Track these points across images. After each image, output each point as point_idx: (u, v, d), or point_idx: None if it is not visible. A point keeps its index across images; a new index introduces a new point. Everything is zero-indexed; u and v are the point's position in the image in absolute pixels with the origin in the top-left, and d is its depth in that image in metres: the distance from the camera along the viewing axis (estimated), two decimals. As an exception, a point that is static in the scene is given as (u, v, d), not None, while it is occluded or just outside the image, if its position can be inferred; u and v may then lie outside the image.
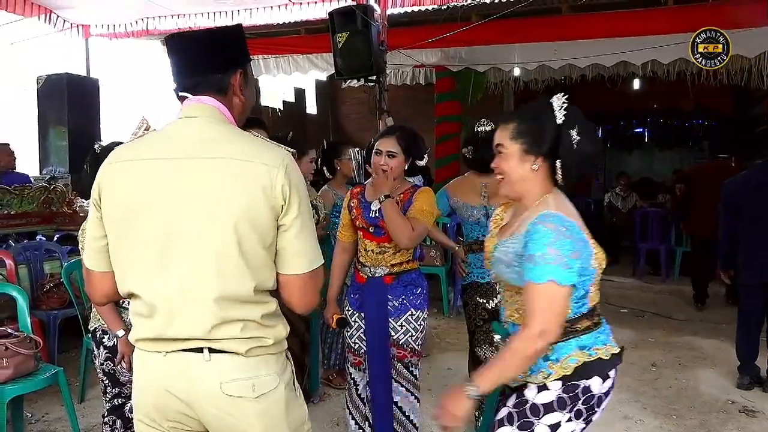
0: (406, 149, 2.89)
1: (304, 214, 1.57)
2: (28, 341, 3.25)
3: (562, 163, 1.82)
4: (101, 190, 1.58)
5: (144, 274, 1.54)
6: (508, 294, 1.94)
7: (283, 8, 6.80)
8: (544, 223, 1.75)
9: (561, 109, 1.82)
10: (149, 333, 1.55)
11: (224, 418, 1.54)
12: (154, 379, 1.57)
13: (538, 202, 1.86)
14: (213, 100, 1.62)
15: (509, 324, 1.95)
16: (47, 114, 7.11)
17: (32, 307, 4.23)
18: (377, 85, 6.37)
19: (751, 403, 4.12)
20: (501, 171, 1.90)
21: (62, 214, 5.59)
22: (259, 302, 1.56)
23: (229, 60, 1.65)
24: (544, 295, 1.72)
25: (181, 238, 1.51)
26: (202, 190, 1.51)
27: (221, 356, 1.52)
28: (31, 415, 3.86)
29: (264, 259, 1.55)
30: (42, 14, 7.00)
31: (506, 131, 1.88)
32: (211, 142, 1.55)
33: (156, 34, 7.76)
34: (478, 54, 7.40)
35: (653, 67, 6.85)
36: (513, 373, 1.78)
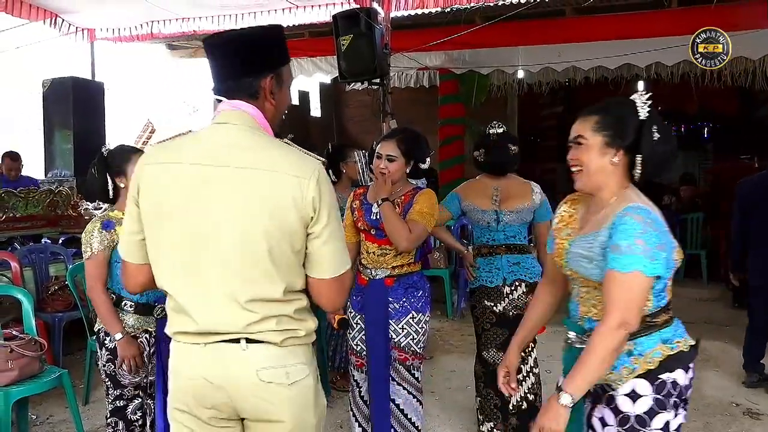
0: (406, 153, 2.89)
1: (333, 222, 1.62)
2: (33, 343, 3.27)
3: (642, 159, 1.82)
4: (139, 187, 1.63)
5: (175, 274, 1.62)
6: (584, 290, 1.92)
7: (287, 11, 6.82)
8: (632, 215, 1.75)
9: (644, 105, 1.84)
10: (184, 328, 1.62)
11: (259, 404, 1.61)
12: (193, 369, 1.63)
13: (616, 196, 1.86)
14: (247, 106, 1.64)
15: (585, 320, 1.92)
16: (53, 117, 7.16)
17: (37, 309, 4.26)
18: (381, 87, 6.39)
19: (756, 405, 4.11)
20: (579, 162, 1.89)
21: (67, 217, 5.61)
22: (291, 300, 1.63)
23: (259, 64, 1.65)
24: (628, 285, 1.72)
25: (212, 243, 1.57)
26: (232, 198, 1.55)
27: (257, 345, 1.59)
28: (35, 417, 3.88)
29: (293, 263, 1.61)
30: (47, 18, 7.04)
31: (588, 123, 1.88)
32: (242, 149, 1.59)
33: (161, 37, 7.81)
34: (481, 56, 7.40)
35: (657, 69, 6.83)
36: (601, 371, 1.76)
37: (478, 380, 3.45)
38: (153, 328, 2.73)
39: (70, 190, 5.87)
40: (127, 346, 2.62)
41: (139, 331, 2.71)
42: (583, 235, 1.90)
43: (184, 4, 6.81)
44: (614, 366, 1.82)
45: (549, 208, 3.38)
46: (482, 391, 3.42)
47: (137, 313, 2.69)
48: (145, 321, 2.72)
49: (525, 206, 3.33)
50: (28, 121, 8.66)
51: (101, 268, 2.65)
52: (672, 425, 1.83)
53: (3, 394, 3.08)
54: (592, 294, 1.89)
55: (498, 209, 3.31)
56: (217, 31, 6.65)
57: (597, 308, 1.88)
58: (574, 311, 1.98)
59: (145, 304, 2.70)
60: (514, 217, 3.32)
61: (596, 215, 1.90)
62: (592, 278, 1.85)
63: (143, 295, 2.68)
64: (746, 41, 5.82)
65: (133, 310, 2.69)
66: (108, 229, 2.64)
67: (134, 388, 2.71)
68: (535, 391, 3.34)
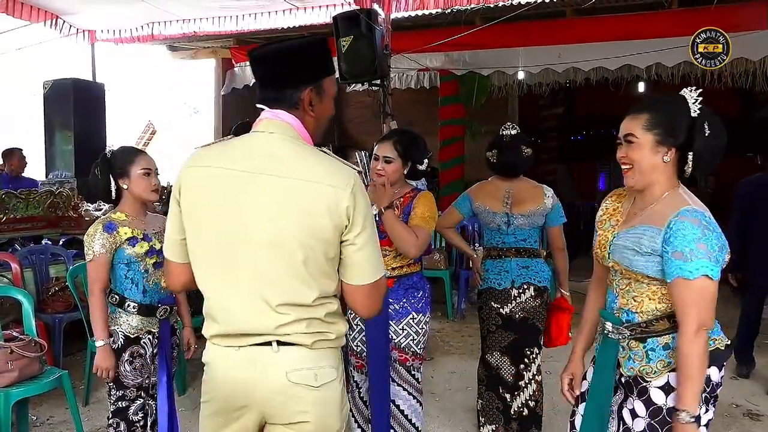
0: (403, 154, 2.87)
1: (367, 229, 1.65)
2: (33, 344, 3.27)
3: (695, 156, 1.82)
4: (181, 189, 1.68)
5: (211, 275, 1.67)
6: (625, 282, 1.93)
7: (287, 12, 6.83)
8: (689, 219, 1.76)
9: (695, 102, 1.83)
10: (218, 330, 1.67)
11: (287, 405, 1.64)
12: (226, 372, 1.67)
13: (666, 194, 1.87)
14: (287, 116, 1.67)
15: (623, 312, 1.93)
16: (53, 118, 7.17)
17: (37, 310, 4.26)
18: (381, 88, 6.39)
19: (756, 407, 4.11)
20: (630, 161, 1.89)
21: (68, 218, 5.62)
22: (322, 305, 1.65)
23: (300, 76, 1.69)
24: (698, 291, 1.73)
25: (246, 248, 1.60)
26: (268, 205, 1.59)
27: (288, 348, 1.63)
28: (35, 418, 3.88)
29: (327, 270, 1.64)
30: (48, 20, 7.05)
31: (638, 121, 1.87)
32: (281, 158, 1.62)
33: (161, 39, 7.82)
34: (482, 58, 7.41)
35: (657, 70, 6.83)
36: (702, 376, 1.77)
37: (480, 383, 3.45)
38: (156, 329, 2.73)
39: (70, 191, 5.88)
40: (105, 357, 2.61)
41: (142, 332, 2.70)
42: (630, 228, 1.90)
43: (185, 6, 6.81)
44: (650, 359, 1.85)
45: (561, 213, 3.39)
46: (484, 394, 3.41)
47: (140, 314, 2.69)
48: (148, 322, 2.72)
49: (536, 210, 3.32)
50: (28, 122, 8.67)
51: (101, 270, 2.64)
52: (702, 420, 1.83)
53: (3, 395, 3.08)
54: (633, 286, 1.90)
55: (509, 212, 3.31)
56: (217, 32, 6.64)
57: (636, 301, 1.89)
58: (612, 302, 1.98)
59: (148, 305, 2.70)
60: (525, 221, 3.32)
61: (645, 210, 1.90)
62: (635, 270, 1.86)
63: (146, 296, 2.70)
64: (746, 42, 5.82)
65: (136, 311, 2.68)
66: (110, 231, 2.64)
67: (137, 389, 2.70)
68: (536, 398, 3.34)
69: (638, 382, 1.91)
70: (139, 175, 2.69)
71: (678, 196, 1.85)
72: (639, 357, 1.90)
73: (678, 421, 1.75)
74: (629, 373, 1.92)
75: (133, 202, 2.73)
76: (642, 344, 1.89)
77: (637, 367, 1.90)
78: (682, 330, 1.76)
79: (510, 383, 3.33)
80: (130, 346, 2.67)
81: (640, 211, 1.92)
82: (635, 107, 1.92)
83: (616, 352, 1.94)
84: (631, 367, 1.92)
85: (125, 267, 2.68)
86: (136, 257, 2.66)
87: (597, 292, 2.17)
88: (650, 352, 1.87)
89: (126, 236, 2.65)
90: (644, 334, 1.89)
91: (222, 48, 8.97)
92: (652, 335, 1.87)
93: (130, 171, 2.69)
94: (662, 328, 1.86)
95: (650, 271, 1.83)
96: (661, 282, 1.83)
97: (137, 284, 2.69)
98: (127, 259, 2.66)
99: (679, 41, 6.18)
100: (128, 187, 2.70)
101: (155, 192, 2.73)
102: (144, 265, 2.69)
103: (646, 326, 1.88)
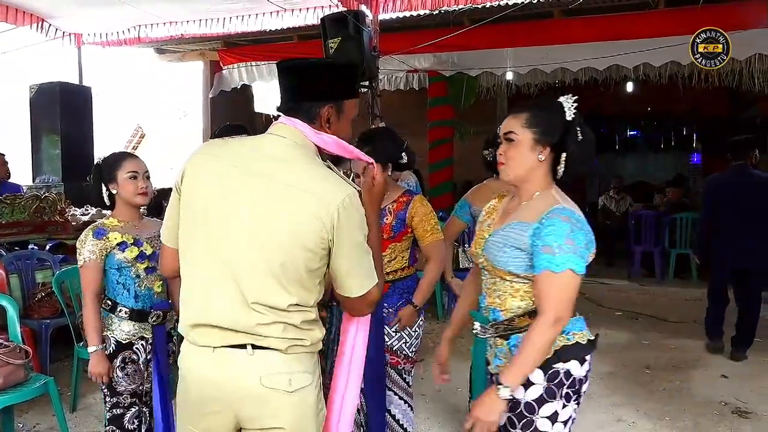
0: (379, 159, 2.69)
1: (355, 248, 1.67)
2: (19, 351, 3.23)
3: (567, 157, 1.90)
4: (185, 175, 1.71)
5: (194, 262, 1.68)
6: (491, 281, 1.99)
7: (274, 15, 6.82)
8: (560, 216, 1.84)
9: (570, 107, 1.92)
10: (194, 319, 1.68)
11: (260, 410, 1.65)
12: (201, 371, 1.68)
13: (539, 193, 1.94)
14: (303, 125, 1.71)
15: (490, 311, 1.99)
16: (40, 122, 7.12)
17: (24, 316, 4.22)
18: (370, 90, 6.38)
19: (744, 404, 4.12)
20: (508, 157, 1.96)
21: (54, 222, 5.57)
22: (299, 311, 1.66)
23: (322, 92, 1.73)
24: (561, 284, 1.80)
25: (232, 242, 1.63)
26: (258, 206, 1.62)
27: (263, 351, 1.63)
28: (21, 426, 3.84)
29: (306, 280, 1.65)
30: (34, 23, 7.01)
31: (518, 120, 1.95)
32: (284, 163, 1.65)
33: (148, 41, 7.79)
34: (470, 58, 7.43)
35: (645, 69, 6.87)
36: (537, 362, 1.83)
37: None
38: (149, 335, 2.70)
39: (57, 195, 5.82)
40: (99, 363, 2.58)
41: (135, 337, 2.67)
42: (503, 225, 1.97)
43: (172, 8, 6.79)
44: (513, 355, 1.90)
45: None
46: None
47: (132, 319, 2.66)
48: (141, 327, 2.69)
49: None
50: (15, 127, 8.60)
51: (92, 276, 2.62)
52: (560, 416, 1.88)
53: (-12, 403, 3.05)
54: (498, 285, 1.96)
55: None
56: (204, 34, 6.59)
57: (500, 299, 1.95)
58: (481, 302, 2.04)
59: (140, 310, 2.67)
60: None
61: (518, 208, 1.98)
62: (500, 267, 1.92)
63: (138, 302, 2.67)
64: (733, 42, 5.85)
65: (127, 316, 2.65)
66: (100, 237, 2.62)
67: (130, 395, 2.67)
68: None
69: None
70: (126, 178, 2.67)
71: (550, 195, 1.93)
72: (503, 354, 1.96)
73: (496, 394, 1.80)
74: (496, 371, 1.97)
75: (125, 206, 2.71)
76: (506, 341, 1.95)
77: (503, 364, 1.94)
78: (539, 319, 1.81)
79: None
80: (121, 351, 2.64)
81: (514, 209, 2.00)
82: (516, 108, 2.00)
83: (485, 350, 2.02)
84: (498, 365, 1.97)
85: (116, 272, 2.65)
86: (127, 262, 2.63)
87: (473, 286, 2.24)
88: (513, 349, 1.92)
89: (116, 241, 2.63)
90: (507, 331, 1.94)
91: (210, 50, 8.94)
92: (515, 332, 1.93)
93: (117, 175, 2.67)
94: (524, 325, 1.91)
95: (514, 267, 1.89)
96: (524, 279, 1.90)
97: (129, 289, 2.66)
98: (118, 264, 2.64)
99: (666, 41, 6.22)
100: (117, 192, 2.69)
101: (142, 195, 2.69)
102: (135, 270, 2.66)
103: (509, 323, 1.94)
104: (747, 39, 5.88)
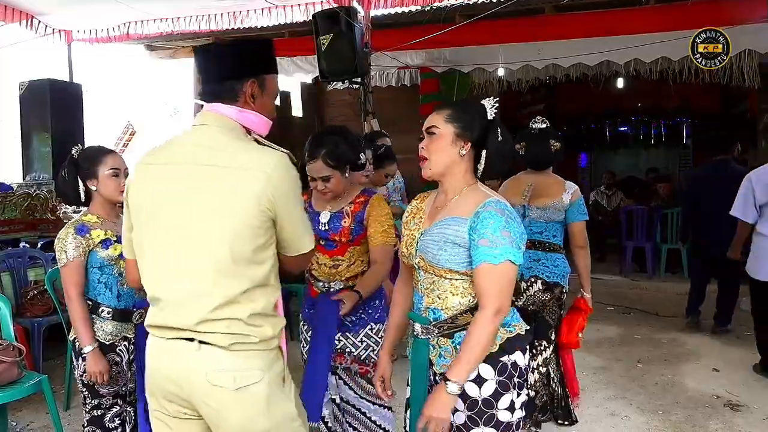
0: (337, 165, 2.65)
1: (291, 210, 1.71)
2: (12, 349, 3.23)
3: (487, 154, 1.94)
4: (128, 188, 1.78)
5: (151, 267, 1.74)
6: (429, 281, 1.99)
7: (266, 11, 6.79)
8: (495, 209, 1.87)
9: (492, 107, 1.97)
10: (154, 321, 1.74)
11: (208, 405, 1.68)
12: (157, 362, 1.74)
13: (467, 188, 1.97)
14: (225, 108, 1.73)
15: (430, 311, 1.99)
16: (30, 120, 7.07)
17: (16, 314, 4.21)
18: (362, 87, 6.38)
19: (736, 397, 4.16)
20: (430, 151, 1.99)
21: (46, 220, 5.55)
22: (248, 302, 1.67)
23: (242, 68, 1.76)
24: (500, 275, 1.84)
25: (183, 238, 1.66)
26: (203, 195, 1.65)
27: (208, 347, 1.66)
28: (15, 424, 3.83)
29: (255, 258, 1.67)
30: (23, 20, 6.93)
31: (441, 115, 1.99)
32: (214, 149, 1.68)
33: (138, 38, 7.74)
34: (462, 55, 7.42)
35: (636, 65, 6.88)
36: (482, 355, 1.87)
37: None
38: (131, 334, 2.65)
39: (48, 193, 5.80)
40: (97, 361, 2.52)
41: (117, 338, 2.62)
42: (435, 222, 1.98)
43: (162, 5, 6.75)
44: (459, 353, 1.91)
45: (583, 210, 3.44)
46: None
47: (115, 319, 2.61)
48: (123, 327, 2.64)
49: (552, 204, 3.38)
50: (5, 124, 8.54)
51: (77, 275, 2.55)
52: (516, 404, 1.93)
53: (-19, 401, 3.04)
54: (437, 284, 1.97)
55: (526, 204, 3.38)
56: (195, 31, 6.57)
57: (441, 298, 1.96)
58: (419, 303, 2.04)
59: (123, 310, 2.62)
60: (540, 214, 3.38)
61: (447, 204, 1.99)
62: (439, 265, 1.92)
63: (121, 301, 2.62)
64: (723, 38, 5.87)
65: (110, 316, 2.60)
66: (82, 234, 2.56)
67: (113, 396, 2.63)
68: (536, 388, 3.43)
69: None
70: (107, 176, 2.61)
71: (479, 190, 1.97)
72: (449, 353, 1.96)
73: (446, 391, 1.84)
74: (442, 371, 1.96)
75: (103, 203, 2.65)
76: (450, 340, 1.96)
77: (449, 363, 1.94)
78: (481, 312, 1.84)
79: None
80: (105, 354, 2.58)
81: (442, 206, 2.01)
82: (439, 106, 2.05)
83: (427, 352, 2.00)
84: (443, 364, 1.97)
85: (98, 271, 2.60)
86: (110, 261, 2.58)
87: (403, 295, 2.23)
88: (458, 347, 1.92)
89: (99, 239, 2.57)
90: (451, 330, 1.95)
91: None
92: (459, 329, 1.94)
93: (98, 172, 2.61)
94: (467, 322, 1.92)
95: (453, 265, 1.90)
96: (463, 276, 1.91)
97: (111, 288, 2.61)
98: (100, 263, 2.58)
99: (656, 37, 6.24)
100: (97, 189, 2.63)
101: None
102: (118, 268, 2.60)
103: (452, 321, 1.95)
104: (737, 35, 5.89)
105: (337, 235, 2.71)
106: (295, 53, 7.88)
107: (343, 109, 10.33)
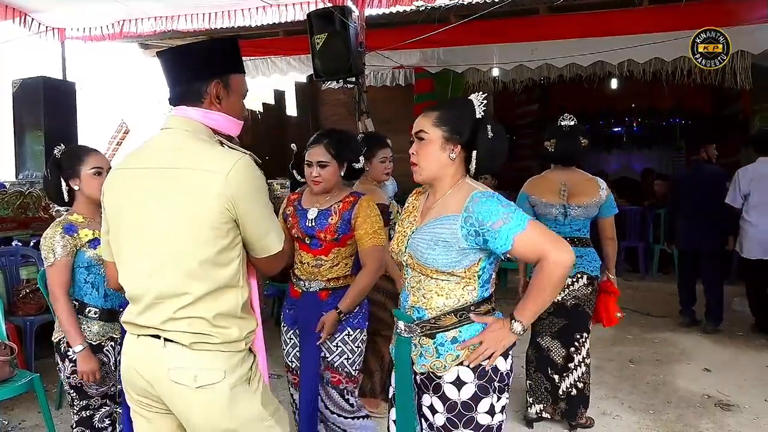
0: (337, 156, 2.70)
1: (255, 210, 1.71)
2: (4, 347, 3.23)
3: (478, 154, 1.93)
4: (104, 193, 1.82)
5: (124, 267, 1.78)
6: (415, 279, 1.99)
7: (261, 10, 6.78)
8: (483, 197, 1.88)
9: (480, 105, 1.95)
10: (128, 318, 1.79)
11: (173, 401, 1.71)
12: (128, 358, 1.79)
13: (455, 186, 1.98)
14: (191, 110, 1.74)
15: (414, 310, 1.99)
16: (23, 118, 7.03)
17: (8, 313, 4.20)
18: (356, 86, 6.38)
19: (727, 397, 4.18)
20: (419, 156, 1.99)
21: (38, 219, 5.53)
22: (212, 302, 1.69)
23: (205, 69, 1.75)
24: (535, 233, 1.84)
25: (149, 240, 1.70)
26: (168, 197, 1.67)
27: (172, 345, 1.69)
28: (7, 423, 3.82)
29: (219, 260, 1.68)
30: (17, 17, 6.90)
31: (429, 118, 1.97)
32: (179, 151, 1.71)
33: (132, 36, 7.71)
34: (456, 55, 7.44)
35: (629, 66, 6.92)
36: (550, 302, 1.90)
37: (529, 364, 3.64)
38: (118, 335, 2.60)
39: (41, 191, 5.78)
40: (88, 360, 2.49)
41: (104, 339, 2.59)
42: (427, 222, 1.99)
43: (157, 3, 6.73)
44: (440, 354, 1.93)
45: (614, 204, 3.56)
46: (533, 375, 3.62)
47: (101, 320, 2.59)
48: (110, 328, 2.61)
49: (592, 201, 3.47)
50: (-2, 122, 8.52)
51: (64, 274, 2.52)
52: (497, 407, 1.94)
53: (-28, 400, 3.03)
54: (423, 283, 1.97)
55: (566, 203, 3.45)
56: (190, 30, 6.54)
57: (426, 297, 1.96)
58: (404, 301, 2.05)
59: (109, 310, 2.60)
60: (581, 212, 3.47)
61: (436, 203, 2.00)
62: (427, 264, 1.92)
63: (107, 301, 2.60)
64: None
65: (97, 317, 2.58)
66: (71, 233, 2.53)
67: (101, 397, 2.61)
68: (584, 380, 3.54)
69: (432, 379, 1.97)
70: (89, 175, 2.58)
71: (464, 185, 1.97)
72: (429, 353, 1.96)
73: (508, 326, 1.88)
74: (422, 370, 1.98)
75: (87, 202, 2.62)
76: (432, 340, 1.96)
77: (429, 363, 1.96)
78: (544, 260, 1.84)
79: (560, 365, 3.53)
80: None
81: (432, 205, 2.02)
82: (427, 108, 2.04)
83: (409, 350, 2.01)
84: (423, 364, 1.97)
85: (85, 271, 2.57)
86: (98, 260, 2.54)
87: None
88: (440, 347, 1.94)
89: (87, 238, 2.55)
90: (433, 330, 1.95)
91: (195, 46, 8.87)
92: (441, 330, 1.94)
93: (80, 171, 2.58)
94: (449, 323, 1.93)
95: (441, 265, 1.90)
96: (449, 276, 1.91)
97: (98, 288, 2.59)
98: (87, 263, 2.56)
99: (650, 38, 6.27)
100: (80, 188, 2.60)
101: None
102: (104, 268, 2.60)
103: (434, 322, 1.95)
104: (731, 36, 5.93)
105: (322, 232, 2.70)
106: (289, 52, 7.89)
107: (337, 108, 10.34)
